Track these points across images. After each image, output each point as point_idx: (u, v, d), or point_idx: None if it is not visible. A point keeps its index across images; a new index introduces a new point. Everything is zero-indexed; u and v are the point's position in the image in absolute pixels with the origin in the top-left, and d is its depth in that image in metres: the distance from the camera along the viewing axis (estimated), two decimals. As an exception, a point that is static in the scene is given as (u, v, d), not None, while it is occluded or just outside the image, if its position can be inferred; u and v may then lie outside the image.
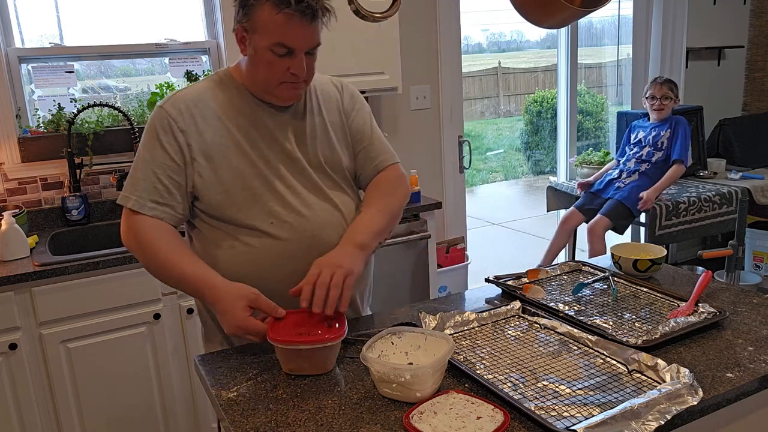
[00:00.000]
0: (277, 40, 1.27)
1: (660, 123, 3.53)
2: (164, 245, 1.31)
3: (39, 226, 2.61)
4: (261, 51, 1.30)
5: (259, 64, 1.32)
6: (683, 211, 3.47)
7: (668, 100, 3.48)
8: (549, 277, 1.69)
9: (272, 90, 1.35)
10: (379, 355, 1.17)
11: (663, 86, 3.48)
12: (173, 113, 1.34)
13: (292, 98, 1.39)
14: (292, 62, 1.30)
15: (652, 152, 3.52)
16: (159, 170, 1.33)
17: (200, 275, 1.29)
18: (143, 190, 1.32)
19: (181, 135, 1.34)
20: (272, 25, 1.26)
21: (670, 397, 1.02)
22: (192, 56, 2.89)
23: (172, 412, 2.37)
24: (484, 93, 11.50)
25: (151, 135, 1.34)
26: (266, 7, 1.25)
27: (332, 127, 1.47)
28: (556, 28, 3.93)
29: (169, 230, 1.34)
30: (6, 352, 2.09)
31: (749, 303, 1.46)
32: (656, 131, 3.52)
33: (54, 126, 2.63)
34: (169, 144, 1.33)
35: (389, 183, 1.51)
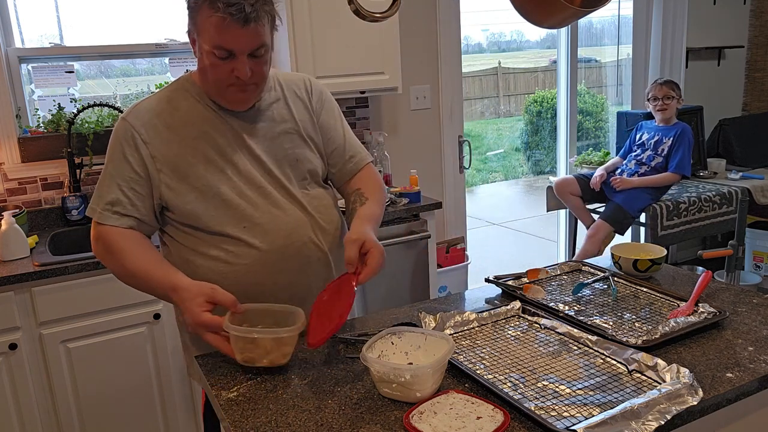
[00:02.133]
0: (215, 42, 1.27)
1: (665, 127, 3.53)
2: (130, 253, 1.32)
3: (39, 226, 2.61)
4: (205, 54, 1.30)
5: (206, 68, 1.32)
6: (683, 211, 3.47)
7: (670, 100, 3.48)
8: (549, 277, 1.69)
9: (222, 93, 1.35)
10: (379, 355, 1.17)
11: (664, 86, 3.49)
12: (136, 125, 1.34)
13: (241, 102, 1.37)
14: (235, 65, 1.29)
15: (653, 156, 3.52)
16: (123, 183, 1.34)
17: (164, 277, 1.29)
18: (108, 202, 1.34)
19: (144, 147, 1.34)
20: (209, 28, 1.26)
21: (670, 397, 1.02)
22: (192, 56, 2.88)
23: (172, 411, 2.37)
24: (484, 93, 11.49)
25: (115, 147, 1.35)
26: (203, 10, 1.25)
27: (302, 126, 1.47)
28: (556, 28, 3.92)
29: (135, 237, 1.35)
30: (6, 352, 2.09)
31: (749, 303, 1.46)
32: (659, 136, 3.52)
33: (54, 126, 2.63)
34: (132, 156, 1.34)
35: (375, 181, 1.56)
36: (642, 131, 3.66)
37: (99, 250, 1.36)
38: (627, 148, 3.72)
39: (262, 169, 1.40)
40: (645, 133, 3.62)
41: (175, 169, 1.35)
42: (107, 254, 1.35)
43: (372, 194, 1.50)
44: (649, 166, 3.51)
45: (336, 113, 1.56)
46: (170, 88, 1.42)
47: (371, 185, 1.53)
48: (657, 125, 3.57)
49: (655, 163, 3.50)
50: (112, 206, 1.33)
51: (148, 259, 1.33)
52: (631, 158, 3.62)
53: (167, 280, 1.29)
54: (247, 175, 1.38)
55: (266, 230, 1.37)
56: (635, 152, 3.62)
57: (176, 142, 1.35)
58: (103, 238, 1.34)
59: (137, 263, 1.32)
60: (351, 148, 1.55)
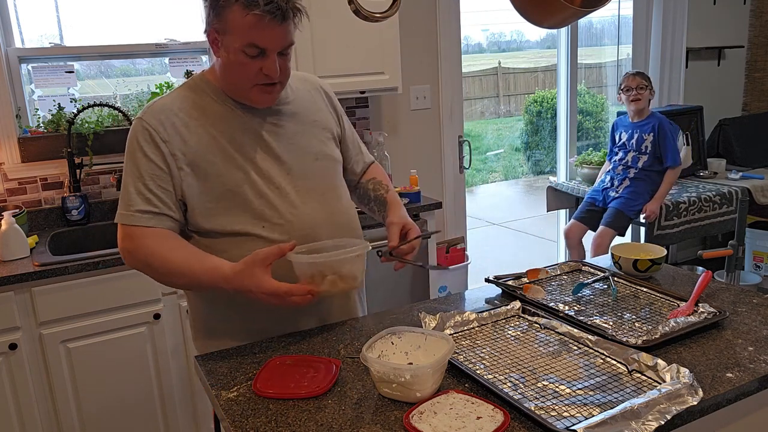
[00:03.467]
0: (248, 41, 1.26)
1: (641, 123, 3.49)
2: (168, 251, 1.29)
3: (39, 226, 2.61)
4: (233, 52, 1.28)
5: (232, 66, 1.31)
6: (683, 211, 3.47)
7: (643, 90, 3.44)
8: (549, 277, 1.69)
9: (246, 93, 1.34)
10: (379, 355, 1.17)
11: (636, 77, 3.46)
12: (154, 124, 1.32)
13: (266, 101, 1.37)
14: (265, 63, 1.29)
15: (638, 157, 3.49)
16: (149, 181, 1.31)
17: (211, 269, 1.27)
18: (137, 203, 1.30)
19: (164, 145, 1.31)
20: (243, 27, 1.25)
21: (670, 397, 1.02)
22: (192, 56, 2.89)
23: (172, 412, 2.37)
24: (484, 93, 11.49)
25: (134, 148, 1.32)
26: (236, 8, 1.24)
27: (321, 120, 1.48)
28: (556, 28, 3.93)
29: (169, 235, 1.32)
30: (6, 352, 2.09)
31: (749, 303, 1.46)
32: (638, 134, 3.49)
33: (54, 126, 2.63)
34: (153, 154, 1.31)
35: (385, 174, 1.67)
36: (619, 130, 3.63)
37: (134, 259, 1.32)
38: (610, 150, 3.71)
39: (280, 168, 1.39)
40: (623, 132, 3.59)
41: (196, 167, 1.33)
42: (144, 261, 1.30)
43: (389, 185, 1.63)
44: (637, 168, 3.47)
45: (342, 111, 1.60)
46: (185, 86, 1.40)
47: (384, 177, 1.65)
48: (632, 122, 3.53)
49: (642, 163, 3.46)
50: (142, 207, 1.30)
51: (188, 255, 1.29)
52: (616, 164, 3.59)
53: (216, 271, 1.26)
54: (266, 174, 1.37)
55: (285, 230, 1.36)
56: (618, 155, 3.59)
57: (195, 141, 1.33)
58: (136, 245, 1.30)
59: (179, 261, 1.28)
60: (359, 144, 1.65)
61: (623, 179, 3.51)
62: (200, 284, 1.30)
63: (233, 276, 1.24)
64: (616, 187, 3.52)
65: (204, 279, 1.28)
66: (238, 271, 1.24)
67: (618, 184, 3.52)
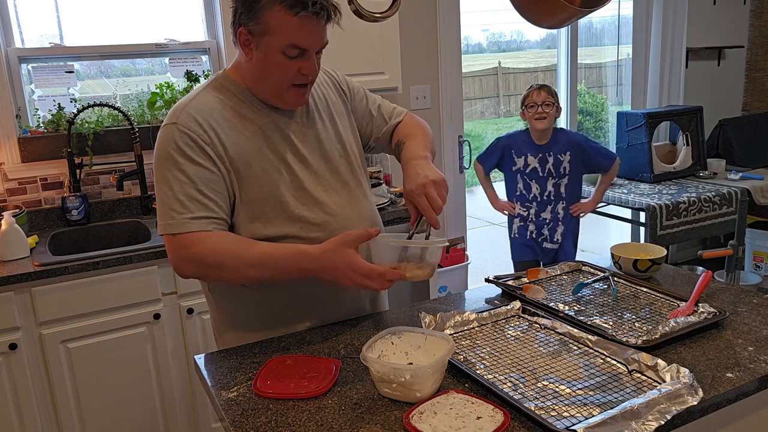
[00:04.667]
0: (290, 41, 1.25)
1: (550, 144, 2.94)
2: (239, 246, 1.26)
3: (39, 226, 2.61)
4: (272, 53, 1.27)
5: (269, 67, 1.29)
6: (683, 211, 3.47)
7: (549, 107, 2.87)
8: (549, 277, 1.69)
9: (281, 93, 1.32)
10: (379, 355, 1.17)
11: (541, 91, 2.91)
12: (192, 127, 1.27)
13: (299, 102, 1.36)
14: (303, 63, 1.28)
15: (559, 183, 2.97)
16: (202, 186, 1.26)
17: (293, 253, 1.26)
18: (192, 209, 1.24)
19: (208, 148, 1.27)
20: (286, 28, 1.23)
21: (670, 397, 1.02)
22: (192, 56, 2.89)
23: (172, 412, 2.37)
24: (484, 93, 11.49)
25: (176, 154, 1.26)
26: (278, 10, 1.22)
27: (337, 114, 1.47)
28: (556, 28, 3.93)
29: (227, 233, 1.29)
30: (6, 352, 2.09)
31: (749, 303, 1.46)
32: (552, 157, 2.94)
33: (54, 126, 2.63)
34: (200, 157, 1.26)
35: (415, 121, 1.58)
36: (521, 155, 2.98)
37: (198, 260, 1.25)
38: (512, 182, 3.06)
39: (308, 169, 1.38)
40: (529, 156, 2.96)
41: (236, 171, 1.30)
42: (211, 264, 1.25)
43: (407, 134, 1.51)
44: (563, 199, 2.99)
45: (360, 89, 1.57)
46: (210, 87, 1.36)
47: (406, 129, 1.54)
48: (538, 144, 2.95)
49: (564, 188, 2.98)
50: (200, 214, 1.25)
51: (261, 246, 1.26)
52: (526, 197, 3.01)
53: (299, 256, 1.24)
54: (297, 175, 1.36)
55: (322, 230, 1.36)
56: (532, 187, 2.99)
57: (231, 144, 1.30)
58: (199, 246, 1.24)
59: (255, 254, 1.25)
60: (386, 109, 1.58)
61: (555, 222, 3.00)
62: (281, 271, 1.26)
63: (321, 254, 1.23)
64: (551, 236, 3.03)
65: (286, 264, 1.25)
66: (326, 249, 1.23)
67: (549, 231, 3.02)
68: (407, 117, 1.59)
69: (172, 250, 1.27)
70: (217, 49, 2.92)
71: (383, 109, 1.58)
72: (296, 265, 1.25)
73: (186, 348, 2.36)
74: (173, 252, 1.27)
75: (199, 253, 1.24)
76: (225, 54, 2.85)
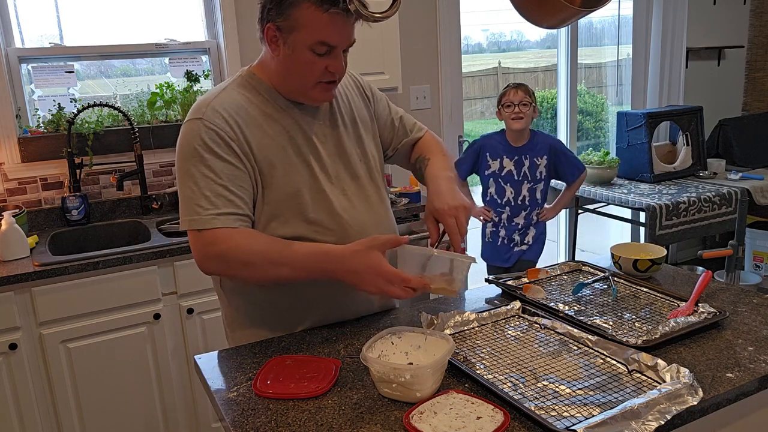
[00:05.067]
0: (319, 38, 1.24)
1: (526, 146, 2.86)
2: (266, 245, 1.25)
3: (39, 226, 2.61)
4: (300, 50, 1.25)
5: (296, 64, 1.27)
6: (683, 211, 3.46)
7: (526, 107, 2.79)
8: (549, 277, 1.69)
9: (307, 91, 1.31)
10: (379, 355, 1.17)
11: (518, 90, 2.81)
12: (218, 123, 1.26)
13: (326, 99, 1.36)
14: (331, 61, 1.27)
15: (534, 188, 2.89)
16: (228, 182, 1.25)
17: (319, 252, 1.25)
18: (219, 205, 1.23)
19: (234, 144, 1.26)
20: (316, 24, 1.22)
21: (670, 397, 1.02)
22: (192, 56, 2.89)
23: (172, 412, 2.37)
24: (484, 93, 11.49)
25: (201, 150, 1.25)
26: (308, 6, 1.21)
27: (359, 118, 1.46)
28: (556, 28, 3.93)
29: (254, 231, 1.29)
30: (6, 352, 2.09)
31: (749, 303, 1.46)
32: (529, 160, 2.86)
33: (54, 126, 2.63)
34: (227, 154, 1.26)
35: (434, 142, 1.58)
36: (496, 157, 2.88)
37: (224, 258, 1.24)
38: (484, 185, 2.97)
39: (327, 173, 1.37)
40: (504, 158, 2.87)
41: (260, 169, 1.30)
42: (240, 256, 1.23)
43: (431, 153, 1.52)
44: (536, 203, 2.92)
45: (383, 97, 1.57)
46: (235, 84, 1.35)
47: (427, 147, 1.55)
48: (514, 146, 2.87)
49: (539, 192, 2.90)
50: (226, 210, 1.24)
51: (285, 245, 1.25)
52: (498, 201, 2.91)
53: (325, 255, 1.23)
54: (318, 178, 1.35)
55: (337, 234, 1.34)
56: (506, 191, 2.89)
57: (256, 142, 1.29)
58: (227, 243, 1.23)
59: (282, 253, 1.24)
60: (408, 121, 1.59)
61: (527, 227, 2.92)
62: (306, 271, 1.25)
63: (348, 255, 1.22)
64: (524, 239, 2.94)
65: (311, 263, 1.24)
66: (354, 251, 1.22)
67: (519, 235, 2.93)
68: (428, 134, 1.60)
69: (197, 247, 1.26)
70: (217, 49, 2.92)
71: (405, 121, 1.58)
72: (320, 265, 1.24)
73: (186, 348, 2.36)
74: (199, 249, 1.25)
75: (226, 250, 1.23)
76: (225, 54, 2.85)
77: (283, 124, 1.33)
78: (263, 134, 1.31)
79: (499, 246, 2.96)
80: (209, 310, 2.34)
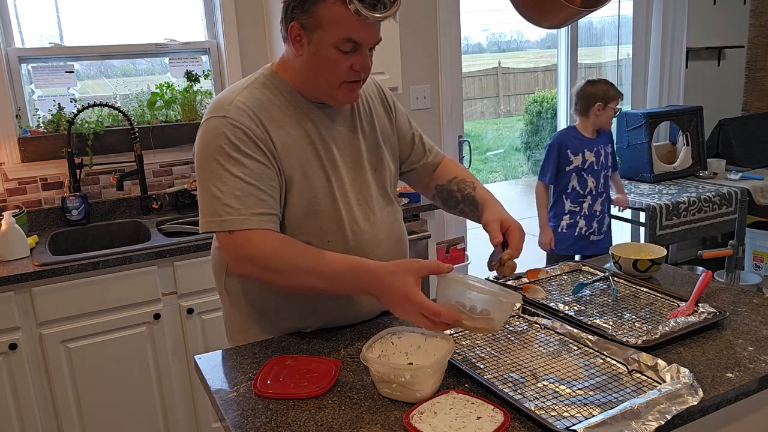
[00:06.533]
0: (345, 35, 1.21)
1: (598, 139, 3.06)
2: (299, 253, 1.21)
3: (39, 226, 2.61)
4: (325, 48, 1.23)
5: (320, 63, 1.25)
6: (683, 211, 3.47)
7: None
8: (549, 277, 1.69)
9: (332, 92, 1.29)
10: (379, 355, 1.17)
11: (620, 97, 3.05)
12: (244, 121, 1.24)
13: (351, 99, 1.32)
14: (356, 59, 1.24)
15: (607, 175, 3.10)
16: (257, 181, 1.22)
17: (353, 265, 1.20)
18: (250, 205, 1.20)
19: (261, 143, 1.23)
20: (342, 21, 1.19)
21: (670, 397, 1.02)
22: (192, 56, 2.89)
23: (172, 412, 2.37)
24: (484, 93, 11.50)
25: (231, 149, 1.21)
26: (333, 3, 1.18)
27: (379, 126, 1.44)
28: (556, 28, 3.93)
29: (288, 237, 1.25)
30: (6, 352, 2.09)
31: (749, 303, 1.46)
32: (603, 149, 3.05)
33: (54, 126, 2.63)
34: (255, 152, 1.23)
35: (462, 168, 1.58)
36: (577, 152, 3.02)
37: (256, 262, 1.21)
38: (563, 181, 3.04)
39: (342, 181, 1.35)
40: (585, 151, 3.02)
41: (283, 169, 1.27)
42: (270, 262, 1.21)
43: (474, 180, 1.52)
44: (609, 185, 3.15)
45: (404, 111, 1.55)
46: (257, 83, 1.32)
47: (464, 172, 1.55)
48: (591, 138, 3.04)
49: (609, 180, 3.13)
50: (258, 210, 1.21)
51: (320, 254, 1.22)
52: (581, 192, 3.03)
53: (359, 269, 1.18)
54: (333, 185, 1.32)
55: (349, 246, 1.33)
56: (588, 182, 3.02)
57: (279, 144, 1.27)
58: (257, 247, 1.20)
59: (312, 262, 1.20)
60: (427, 142, 1.58)
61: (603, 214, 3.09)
62: (339, 284, 1.22)
63: (385, 273, 1.16)
64: (600, 228, 3.11)
65: (346, 277, 1.20)
66: (390, 271, 1.17)
67: (597, 223, 3.09)
68: (449, 159, 1.60)
69: (229, 250, 1.23)
70: (217, 49, 2.92)
71: (425, 140, 1.57)
72: (356, 278, 1.20)
73: (186, 348, 2.36)
74: (231, 251, 1.22)
75: (258, 254, 1.20)
76: (225, 54, 2.85)
77: (304, 128, 1.31)
78: (286, 136, 1.28)
79: (576, 236, 3.08)
80: (209, 310, 2.34)
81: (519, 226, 1.36)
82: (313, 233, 1.31)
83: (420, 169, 1.56)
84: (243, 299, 1.42)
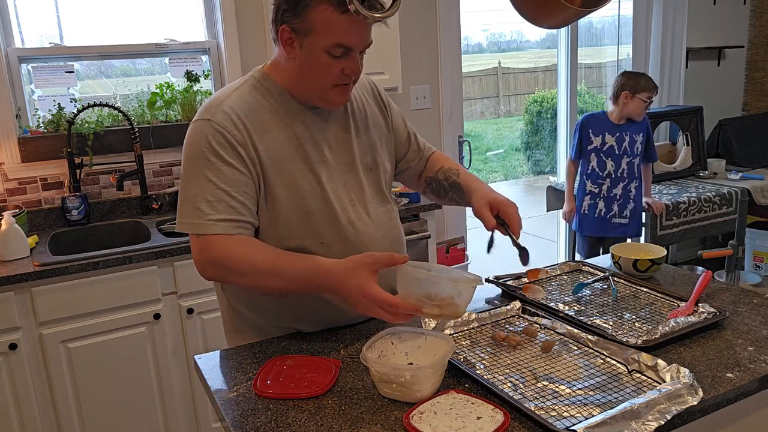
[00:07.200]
0: (336, 41, 1.21)
1: (629, 125, 3.16)
2: (258, 254, 1.23)
3: (39, 226, 2.61)
4: (316, 52, 1.23)
5: (311, 67, 1.25)
6: (683, 211, 3.47)
7: None
8: (549, 277, 1.69)
9: (324, 94, 1.29)
10: (379, 355, 1.17)
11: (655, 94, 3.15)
12: (226, 125, 1.24)
13: (342, 102, 1.33)
14: (347, 63, 1.25)
15: (632, 161, 3.17)
16: (230, 187, 1.23)
17: (313, 266, 1.21)
18: (219, 211, 1.22)
19: (241, 148, 1.24)
20: (333, 26, 1.20)
21: (670, 397, 1.02)
22: (192, 56, 2.89)
23: (172, 412, 2.37)
24: (484, 93, 11.49)
25: (207, 152, 1.23)
26: (325, 8, 1.19)
27: (373, 125, 1.44)
28: (556, 28, 3.92)
29: (252, 239, 1.27)
30: (6, 352, 2.09)
31: (749, 303, 1.46)
32: (630, 136, 3.14)
33: (54, 126, 2.63)
34: (232, 157, 1.24)
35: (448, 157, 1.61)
36: (599, 134, 3.15)
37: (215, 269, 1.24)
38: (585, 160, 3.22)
39: (336, 182, 1.35)
40: (606, 135, 3.14)
41: (266, 175, 1.27)
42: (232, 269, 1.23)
43: (458, 167, 1.54)
44: (634, 177, 3.19)
45: (398, 109, 1.55)
46: (247, 84, 1.33)
47: (449, 161, 1.57)
48: (617, 123, 3.15)
49: (635, 167, 3.19)
50: (226, 216, 1.22)
51: (281, 256, 1.24)
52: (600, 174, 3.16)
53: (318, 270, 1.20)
54: (325, 187, 1.32)
55: (343, 248, 1.32)
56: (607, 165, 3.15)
57: (264, 148, 1.27)
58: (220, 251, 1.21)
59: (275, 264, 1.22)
60: (420, 139, 1.59)
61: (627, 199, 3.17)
62: (299, 283, 1.23)
63: (341, 272, 1.18)
64: (623, 213, 3.20)
65: (304, 277, 1.22)
66: (345, 268, 1.18)
67: (619, 209, 3.19)
68: (438, 152, 1.62)
69: (195, 251, 1.25)
70: (217, 49, 2.92)
71: (418, 138, 1.58)
72: (314, 280, 1.21)
73: (186, 348, 2.36)
74: (196, 253, 1.25)
75: (220, 258, 1.22)
76: (225, 54, 2.85)
77: (294, 130, 1.31)
78: (273, 140, 1.29)
79: (596, 217, 3.22)
80: (209, 310, 2.34)
81: (509, 201, 1.36)
82: (307, 236, 1.31)
83: (415, 166, 1.57)
84: (239, 301, 1.42)
